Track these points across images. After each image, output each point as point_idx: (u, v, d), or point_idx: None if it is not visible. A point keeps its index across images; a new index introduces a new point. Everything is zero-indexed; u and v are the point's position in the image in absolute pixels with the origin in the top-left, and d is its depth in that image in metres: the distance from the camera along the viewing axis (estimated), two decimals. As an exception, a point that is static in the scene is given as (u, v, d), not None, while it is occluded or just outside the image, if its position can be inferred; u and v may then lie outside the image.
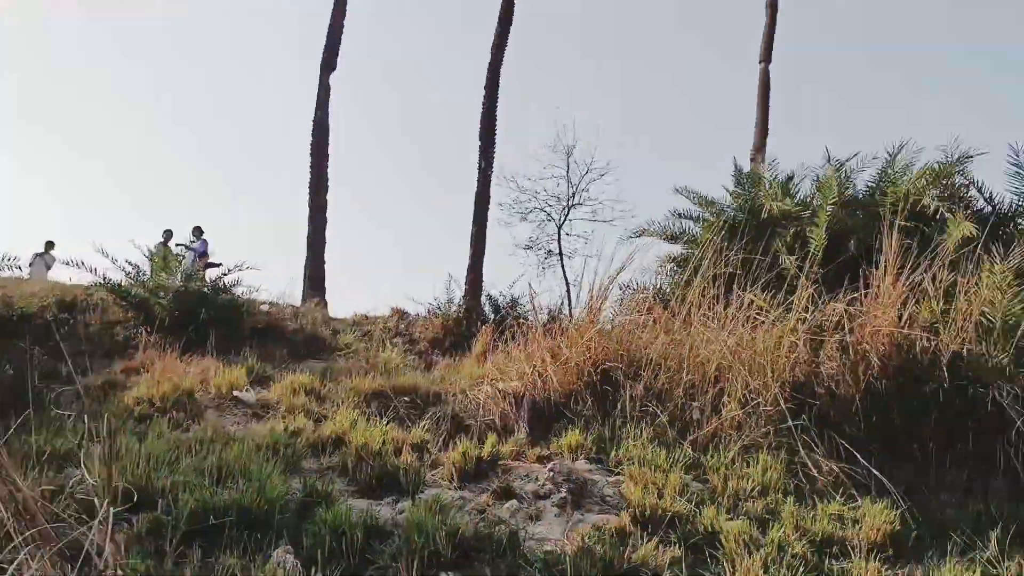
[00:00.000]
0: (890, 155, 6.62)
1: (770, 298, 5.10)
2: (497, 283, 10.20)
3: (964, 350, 4.33)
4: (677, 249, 7.36)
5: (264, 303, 9.51)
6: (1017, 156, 5.97)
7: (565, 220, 9.56)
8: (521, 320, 6.87)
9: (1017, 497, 3.79)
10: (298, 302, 11.51)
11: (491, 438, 4.49)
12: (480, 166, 9.84)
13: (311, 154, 12.86)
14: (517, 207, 10.09)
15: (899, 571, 3.06)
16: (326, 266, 13.04)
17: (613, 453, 4.40)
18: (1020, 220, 5.75)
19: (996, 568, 3.11)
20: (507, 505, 3.60)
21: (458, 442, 4.43)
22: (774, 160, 7.75)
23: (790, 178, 7.01)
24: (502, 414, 5.28)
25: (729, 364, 4.90)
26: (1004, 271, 4.37)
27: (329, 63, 13.15)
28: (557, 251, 9.45)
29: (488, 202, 9.70)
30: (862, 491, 3.93)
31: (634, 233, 7.36)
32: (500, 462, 4.26)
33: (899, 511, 3.59)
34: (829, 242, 5.87)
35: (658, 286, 6.19)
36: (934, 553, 3.29)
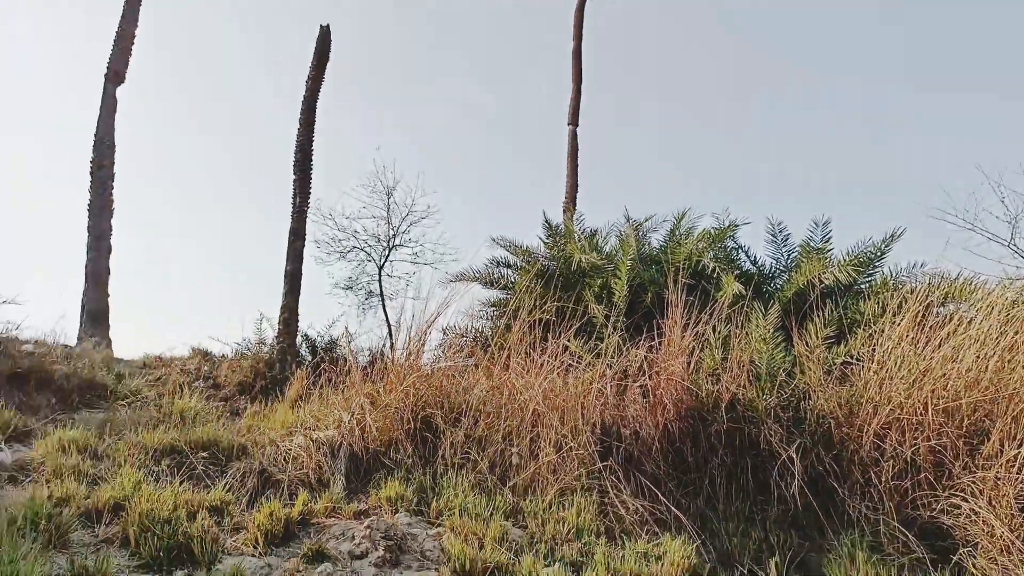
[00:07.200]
0: (676, 220, 7.67)
1: (582, 344, 5.41)
2: (315, 324, 9.72)
3: (740, 394, 4.92)
4: (496, 294, 7.64)
5: (28, 342, 8.06)
6: (773, 227, 7.37)
7: (386, 261, 9.48)
8: (340, 363, 6.57)
9: (790, 524, 4.34)
10: (74, 341, 9.96)
11: (303, 495, 4.18)
12: (295, 201, 9.39)
13: (91, 172, 11.51)
14: (335, 245, 9.82)
15: (695, 602, 3.32)
16: (110, 299, 11.45)
17: (434, 503, 4.32)
18: (777, 280, 6.86)
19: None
20: (319, 569, 3.36)
21: (265, 501, 4.07)
22: (580, 216, 8.44)
23: (594, 233, 7.81)
24: (317, 466, 4.96)
25: (544, 409, 5.07)
26: (766, 325, 5.07)
27: (117, 73, 11.92)
28: (378, 292, 9.31)
29: (304, 238, 9.26)
30: (664, 527, 4.26)
31: (454, 277, 7.55)
32: (313, 521, 3.98)
33: (695, 544, 3.95)
34: (631, 293, 6.46)
35: (479, 330, 6.33)
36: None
